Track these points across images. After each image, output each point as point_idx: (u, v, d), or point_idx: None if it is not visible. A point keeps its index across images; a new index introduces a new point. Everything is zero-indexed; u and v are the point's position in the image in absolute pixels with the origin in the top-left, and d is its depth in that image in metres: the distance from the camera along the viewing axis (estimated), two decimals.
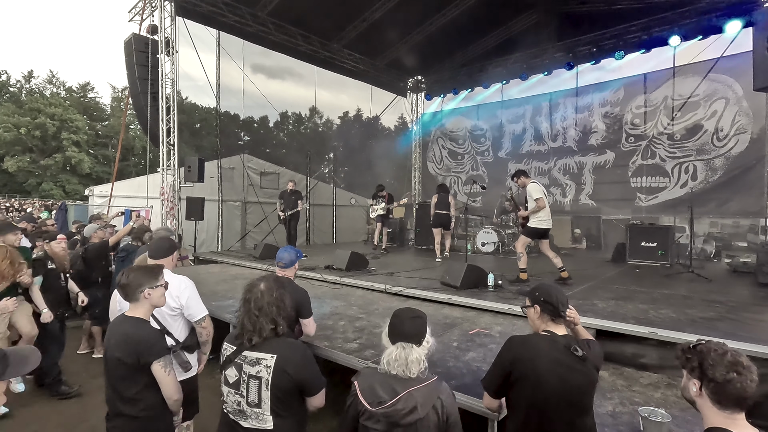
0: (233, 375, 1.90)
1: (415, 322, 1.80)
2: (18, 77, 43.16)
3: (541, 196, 5.57)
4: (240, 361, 1.89)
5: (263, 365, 1.84)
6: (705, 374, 1.35)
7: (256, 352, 1.88)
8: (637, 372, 3.34)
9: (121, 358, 1.98)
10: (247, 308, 1.96)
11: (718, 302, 4.59)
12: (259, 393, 1.83)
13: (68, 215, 11.00)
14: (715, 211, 9.56)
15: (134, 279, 2.10)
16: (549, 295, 1.91)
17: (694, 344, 1.45)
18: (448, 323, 3.99)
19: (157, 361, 1.99)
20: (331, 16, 9.99)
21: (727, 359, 1.34)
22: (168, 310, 2.54)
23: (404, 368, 1.68)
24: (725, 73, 9.21)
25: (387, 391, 1.66)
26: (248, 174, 11.01)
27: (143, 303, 2.12)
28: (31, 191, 35.85)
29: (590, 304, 4.44)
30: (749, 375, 1.31)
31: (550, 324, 1.90)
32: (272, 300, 1.97)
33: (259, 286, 2.02)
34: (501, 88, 12.74)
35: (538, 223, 5.62)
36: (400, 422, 1.61)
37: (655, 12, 9.06)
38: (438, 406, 1.65)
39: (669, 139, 10.02)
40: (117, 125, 40.83)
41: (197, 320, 2.64)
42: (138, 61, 8.28)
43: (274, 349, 1.87)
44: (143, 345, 1.99)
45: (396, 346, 1.74)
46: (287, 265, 3.14)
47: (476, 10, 9.60)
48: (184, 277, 2.74)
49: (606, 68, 10.80)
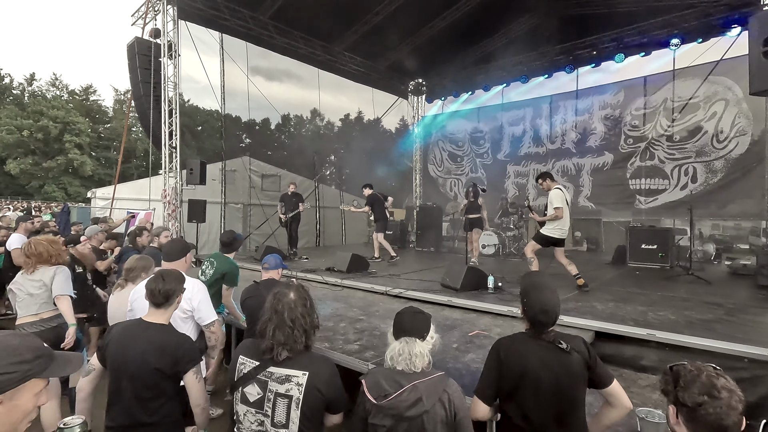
0: (255, 393, 1.74)
1: (417, 318, 1.85)
2: (21, 80, 43.36)
3: (562, 206, 5.35)
4: (265, 378, 1.74)
5: (294, 383, 1.70)
6: (677, 398, 1.20)
7: (285, 369, 1.73)
8: (635, 373, 3.36)
9: (157, 366, 1.94)
10: (279, 320, 1.78)
11: (718, 304, 4.61)
12: (287, 413, 1.69)
13: (70, 217, 11.04)
14: (715, 213, 9.58)
15: (171, 285, 2.12)
16: (530, 308, 1.88)
17: (672, 365, 1.29)
18: (448, 325, 4.02)
19: (192, 369, 1.98)
20: (333, 19, 10.05)
21: (700, 380, 1.17)
22: (180, 312, 2.57)
23: (408, 362, 1.71)
24: (725, 75, 9.24)
25: (392, 385, 1.68)
26: (250, 176, 11.06)
27: (171, 309, 2.15)
28: (34, 193, 35.97)
29: (589, 306, 4.46)
30: (727, 399, 1.13)
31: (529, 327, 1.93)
32: (305, 311, 1.83)
33: (289, 296, 1.84)
34: (502, 90, 12.80)
35: (550, 231, 5.44)
36: (405, 414, 1.61)
37: (655, 15, 9.10)
38: (445, 400, 1.65)
39: (668, 140, 10.05)
40: (119, 128, 41.01)
41: (206, 324, 2.67)
42: (141, 65, 8.35)
43: (306, 365, 1.74)
44: (182, 352, 1.98)
45: (399, 341, 1.77)
46: (272, 267, 3.33)
47: (477, 14, 9.65)
48: (196, 280, 2.78)
49: (606, 71, 10.85)
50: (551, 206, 5.47)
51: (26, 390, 1.01)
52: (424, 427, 1.61)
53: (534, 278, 2.20)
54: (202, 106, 36.35)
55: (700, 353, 3.16)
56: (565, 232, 5.55)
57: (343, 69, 12.10)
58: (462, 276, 5.15)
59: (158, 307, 2.11)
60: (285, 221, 8.93)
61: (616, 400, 1.84)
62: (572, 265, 5.49)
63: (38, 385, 1.04)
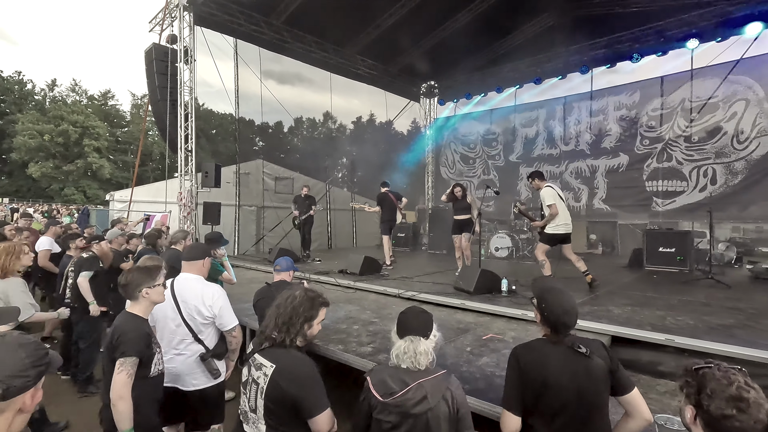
0: (245, 374, 1.92)
1: (420, 317, 1.89)
2: (42, 86, 44.63)
3: (554, 202, 5.41)
4: (250, 363, 1.90)
5: (262, 372, 1.81)
6: (701, 404, 1.17)
7: (262, 357, 1.86)
8: (653, 379, 3.29)
9: (108, 347, 2.13)
10: (275, 306, 1.98)
11: (738, 309, 4.49)
12: (256, 399, 1.82)
13: (89, 220, 11.31)
14: (736, 215, 9.33)
15: (133, 279, 2.24)
16: (552, 312, 1.85)
17: (697, 366, 1.25)
18: (461, 328, 4.00)
19: (119, 359, 2.04)
20: (345, 22, 10.13)
21: (729, 392, 1.13)
22: (200, 318, 2.63)
23: (413, 360, 1.74)
24: (745, 74, 9.04)
25: (397, 383, 1.71)
26: (264, 179, 11.18)
27: (142, 301, 2.25)
28: (54, 196, 36.91)
29: (605, 310, 4.39)
30: (754, 414, 1.09)
31: (550, 333, 1.90)
32: (300, 310, 1.93)
33: (295, 293, 2.01)
34: (515, 92, 12.72)
35: (554, 229, 5.47)
36: (411, 411, 1.65)
37: (672, 14, 8.95)
38: (448, 398, 1.69)
39: (686, 141, 9.85)
40: (136, 132, 41.87)
41: (228, 330, 2.72)
42: (158, 70, 8.52)
43: (276, 358, 1.82)
44: (119, 339, 2.10)
45: (404, 340, 1.80)
46: (283, 269, 3.36)
47: (490, 15, 9.61)
48: (216, 286, 2.83)
49: (621, 71, 10.72)
50: (544, 204, 5.52)
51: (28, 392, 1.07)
52: (428, 424, 1.65)
53: (546, 283, 2.18)
54: (216, 110, 36.89)
55: (720, 359, 3.07)
56: (569, 226, 5.55)
57: (355, 72, 12.17)
58: (475, 279, 5.12)
59: (129, 299, 2.27)
60: (298, 224, 8.99)
61: (635, 410, 1.77)
62: (581, 261, 5.49)
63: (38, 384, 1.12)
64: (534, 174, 5.87)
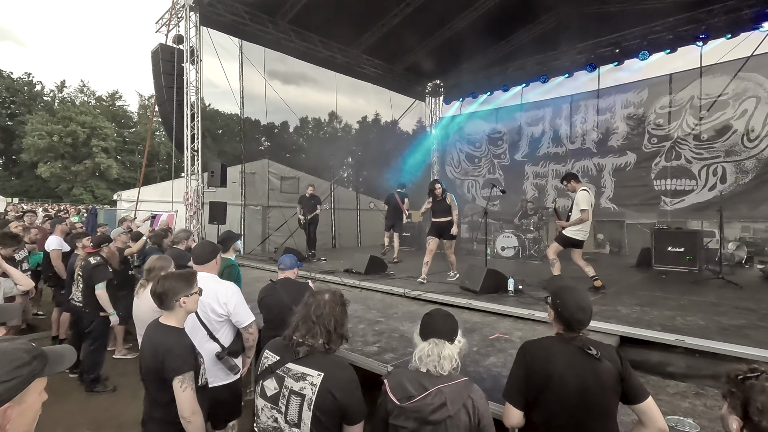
0: (272, 387, 1.75)
1: (447, 320, 1.81)
2: (51, 87, 45.13)
3: (588, 209, 5.30)
4: (282, 374, 1.74)
5: (308, 382, 1.67)
6: (749, 418, 1.14)
7: (302, 366, 1.71)
8: (663, 381, 3.25)
9: (152, 366, 1.98)
10: (305, 313, 1.82)
11: (750, 310, 4.43)
12: (299, 412, 1.66)
13: (98, 219, 11.40)
14: (746, 214, 9.19)
15: (171, 287, 2.06)
16: (566, 308, 1.84)
17: (743, 376, 1.19)
18: (468, 328, 3.97)
19: (177, 377, 1.92)
20: (350, 22, 10.11)
21: None
22: (215, 316, 2.61)
23: (436, 364, 1.67)
24: (756, 71, 8.90)
25: (416, 387, 1.65)
26: (269, 179, 11.21)
27: (178, 311, 2.09)
28: (63, 196, 37.33)
29: (614, 310, 4.34)
30: None
31: (563, 330, 1.88)
32: (333, 313, 1.83)
33: (324, 296, 1.89)
34: (521, 91, 12.63)
35: (574, 233, 5.39)
36: (429, 418, 1.58)
37: (681, 11, 8.84)
38: (469, 406, 1.62)
39: (695, 139, 9.72)
40: (143, 132, 42.21)
41: (245, 326, 2.71)
42: (164, 70, 8.56)
43: (322, 366, 1.70)
44: (168, 358, 1.95)
45: (428, 342, 1.73)
46: (287, 267, 3.34)
47: (495, 14, 9.56)
48: (230, 283, 2.82)
49: (629, 69, 10.57)
50: (577, 208, 5.39)
51: (32, 390, 1.03)
52: None
53: (562, 281, 2.16)
54: (222, 110, 37.05)
55: (732, 360, 3.03)
56: (587, 233, 5.51)
57: (360, 71, 12.15)
58: (482, 278, 5.10)
59: (163, 309, 2.09)
60: (303, 223, 9.01)
61: (649, 419, 1.72)
62: (589, 266, 5.42)
63: (41, 384, 1.07)
64: (569, 176, 5.70)
